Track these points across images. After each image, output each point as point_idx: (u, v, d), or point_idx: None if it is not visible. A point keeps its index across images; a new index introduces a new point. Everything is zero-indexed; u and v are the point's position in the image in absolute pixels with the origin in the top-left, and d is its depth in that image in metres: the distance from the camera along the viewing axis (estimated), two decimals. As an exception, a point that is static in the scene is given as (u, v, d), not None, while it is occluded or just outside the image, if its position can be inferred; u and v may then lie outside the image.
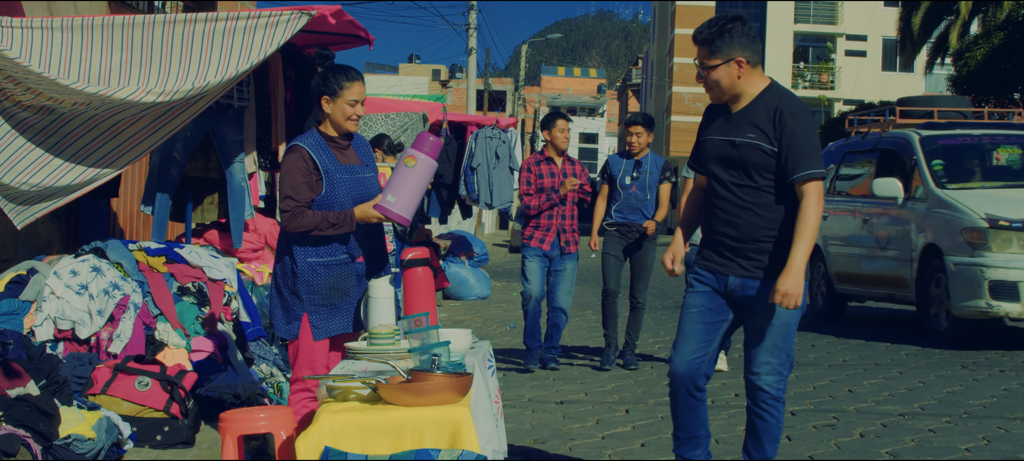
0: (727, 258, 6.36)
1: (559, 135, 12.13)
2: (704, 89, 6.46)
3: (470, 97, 42.90)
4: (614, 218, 12.14)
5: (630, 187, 12.03)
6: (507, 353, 13.30)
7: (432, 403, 5.01)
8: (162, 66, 8.38)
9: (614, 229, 12.14)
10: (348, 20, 9.27)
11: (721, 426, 8.92)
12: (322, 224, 6.50)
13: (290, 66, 10.74)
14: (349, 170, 6.70)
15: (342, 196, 6.61)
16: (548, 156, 12.13)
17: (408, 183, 6.52)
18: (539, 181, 11.97)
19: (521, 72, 79.66)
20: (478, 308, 19.09)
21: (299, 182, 6.52)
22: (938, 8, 39.25)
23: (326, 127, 6.72)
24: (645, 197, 12.03)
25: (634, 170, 12.08)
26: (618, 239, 12.12)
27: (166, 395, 7.80)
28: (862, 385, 10.78)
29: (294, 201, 6.50)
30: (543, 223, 11.94)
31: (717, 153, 6.34)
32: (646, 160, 12.12)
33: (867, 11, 71.65)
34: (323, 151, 6.63)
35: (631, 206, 12.05)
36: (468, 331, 6.21)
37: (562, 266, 11.99)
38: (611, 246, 12.16)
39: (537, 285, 12.02)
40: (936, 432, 8.68)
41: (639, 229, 12.01)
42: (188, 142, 10.09)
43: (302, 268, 6.61)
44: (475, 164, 16.99)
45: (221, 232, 10.50)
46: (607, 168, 12.36)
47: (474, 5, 43.72)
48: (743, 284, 6.36)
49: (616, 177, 12.16)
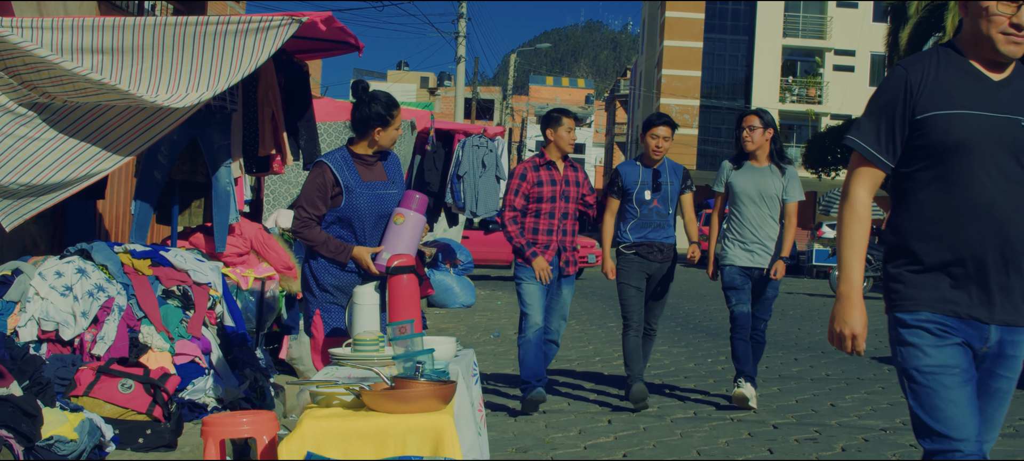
0: (994, 295, 4.41)
1: (565, 135, 10.22)
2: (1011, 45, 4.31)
3: (458, 105, 42.92)
4: (631, 238, 10.47)
5: (650, 202, 10.40)
6: (496, 378, 12.57)
7: (415, 410, 5.01)
8: (153, 69, 8.37)
9: (632, 252, 10.46)
10: (338, 27, 9.28)
11: (703, 438, 8.94)
12: (323, 245, 7.09)
13: (280, 72, 10.73)
14: (371, 186, 7.19)
15: (362, 209, 7.15)
16: (549, 160, 10.22)
17: (400, 240, 7.14)
18: (536, 190, 10.09)
19: (509, 81, 79.64)
20: (462, 316, 19.10)
21: (314, 196, 7.09)
22: (926, 24, 39.37)
23: (361, 147, 7.27)
24: (667, 211, 10.45)
25: (653, 182, 10.42)
26: (638, 264, 10.44)
27: (149, 398, 7.79)
28: (845, 399, 10.82)
29: (306, 212, 7.11)
30: (541, 238, 10.13)
31: (999, 136, 4.38)
32: (664, 169, 10.50)
33: (856, 26, 71.90)
34: (348, 168, 7.15)
35: (652, 223, 10.42)
36: (452, 339, 6.23)
37: (558, 291, 10.33)
38: (631, 274, 10.45)
39: (540, 312, 10.10)
40: (917, 448, 8.70)
41: (661, 248, 10.42)
42: (174, 146, 10.08)
43: (317, 267, 7.18)
44: (462, 172, 17.00)
45: (206, 236, 10.49)
46: (618, 179, 10.56)
47: (464, 13, 43.75)
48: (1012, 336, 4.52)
49: (632, 191, 10.44)
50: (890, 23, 42.06)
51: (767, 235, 10.43)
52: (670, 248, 10.55)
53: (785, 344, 15.25)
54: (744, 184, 10.46)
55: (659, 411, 10.12)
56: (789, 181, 10.49)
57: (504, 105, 79.86)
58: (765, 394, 11.08)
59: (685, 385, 11.73)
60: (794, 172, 10.61)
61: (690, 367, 13.19)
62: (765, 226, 10.44)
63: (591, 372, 12.69)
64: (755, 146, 10.46)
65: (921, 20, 39.18)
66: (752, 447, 8.69)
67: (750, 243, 10.42)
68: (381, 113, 7.14)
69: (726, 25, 74.77)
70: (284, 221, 12.69)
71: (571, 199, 10.25)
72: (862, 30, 71.77)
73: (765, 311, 10.60)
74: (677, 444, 8.74)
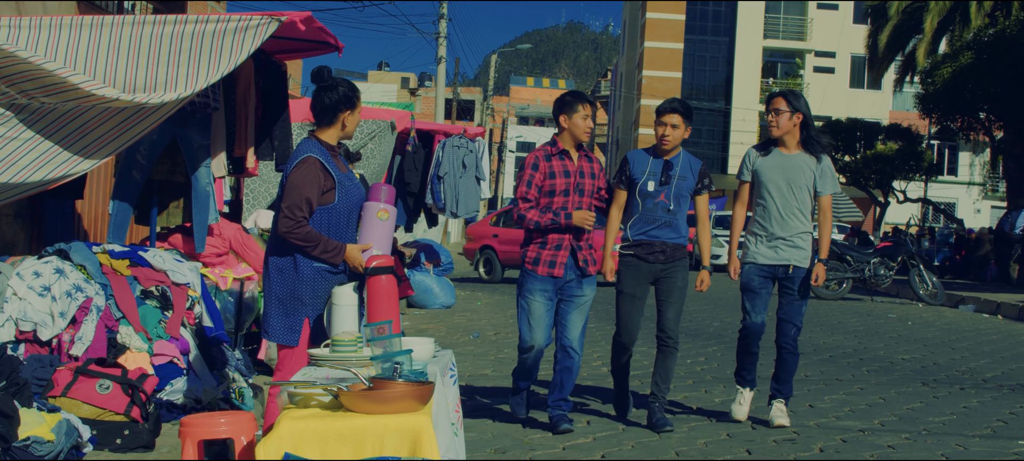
0: None
1: (581, 123, 9.13)
2: None
3: (438, 106, 42.95)
4: (631, 237, 9.36)
5: (655, 195, 9.25)
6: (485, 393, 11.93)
7: (393, 411, 5.01)
8: (130, 68, 8.35)
9: (631, 253, 9.37)
10: (318, 27, 9.27)
11: (681, 439, 8.95)
12: (318, 246, 6.77)
13: (258, 72, 10.72)
14: (348, 177, 7.04)
15: (347, 203, 6.96)
16: (563, 149, 9.16)
17: (386, 236, 6.97)
18: (549, 182, 9.07)
19: (490, 81, 79.66)
20: (442, 317, 19.09)
21: (313, 194, 6.79)
22: (905, 26, 39.52)
23: (329, 136, 7.04)
24: (676, 208, 9.29)
25: (662, 173, 9.28)
26: (637, 267, 9.34)
27: (127, 399, 7.78)
28: (823, 400, 10.83)
29: (301, 212, 6.73)
30: (552, 238, 9.06)
31: None
32: (678, 161, 9.35)
33: (836, 28, 72.17)
34: (328, 161, 6.90)
35: (655, 220, 9.27)
36: (430, 340, 6.24)
37: (580, 292, 9.21)
38: (628, 280, 9.37)
39: (544, 334, 9.13)
40: (895, 448, 8.73)
41: (664, 249, 9.28)
42: (154, 146, 10.06)
43: (308, 274, 6.85)
44: (442, 173, 16.98)
45: (185, 236, 10.47)
46: (625, 167, 9.45)
47: (444, 14, 43.77)
48: None
49: (637, 181, 9.34)
50: (870, 25, 42.23)
51: (796, 231, 9.51)
52: (675, 248, 9.34)
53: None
54: (771, 172, 9.54)
55: (637, 412, 10.11)
56: (823, 171, 9.56)
57: (485, 106, 79.87)
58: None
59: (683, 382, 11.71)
60: (829, 162, 9.68)
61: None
62: (793, 220, 9.52)
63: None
64: (781, 131, 9.52)
65: (901, 22, 39.37)
66: (731, 448, 8.70)
67: (775, 239, 9.52)
68: (348, 95, 7.00)
69: (707, 26, 74.95)
70: (263, 221, 12.67)
71: (586, 192, 9.22)
72: (842, 32, 72.04)
73: (796, 314, 9.70)
74: (655, 445, 8.74)
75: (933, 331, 18.25)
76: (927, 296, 24.39)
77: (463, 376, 11.74)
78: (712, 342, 15.53)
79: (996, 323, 20.42)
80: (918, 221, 57.31)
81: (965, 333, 18.05)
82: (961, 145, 62.76)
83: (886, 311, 22.09)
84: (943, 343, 16.31)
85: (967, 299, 24.38)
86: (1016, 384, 12.19)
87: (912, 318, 20.64)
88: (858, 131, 50.00)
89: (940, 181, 60.74)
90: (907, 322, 19.69)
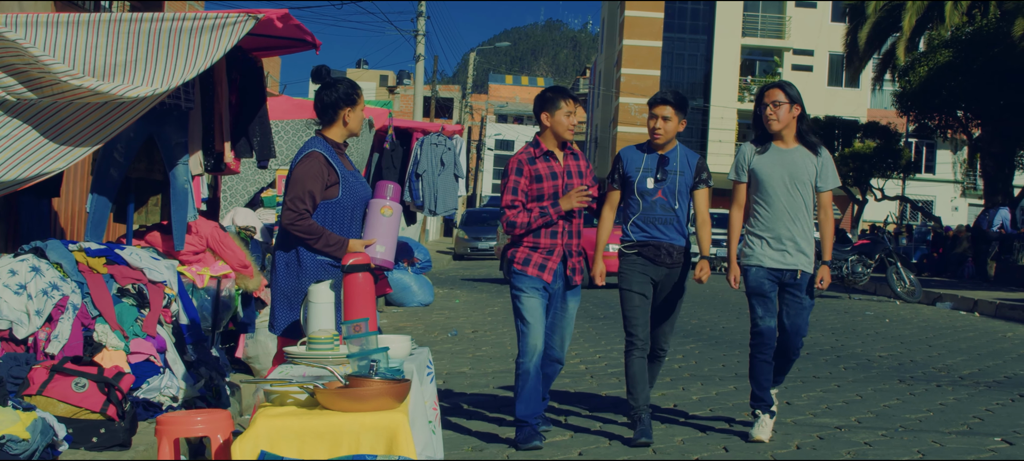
0: None
1: (564, 119, 8.67)
2: None
3: (417, 103, 42.95)
4: (632, 236, 8.92)
5: (653, 193, 8.83)
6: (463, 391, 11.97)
7: (369, 409, 5.01)
8: (108, 66, 8.33)
9: (634, 252, 8.91)
10: (295, 24, 9.25)
11: (659, 437, 8.95)
12: (320, 239, 7.01)
13: (235, 69, 10.69)
14: (353, 175, 7.26)
15: (352, 198, 7.18)
16: (547, 149, 8.70)
17: (391, 233, 7.20)
18: (536, 186, 8.64)
19: (469, 79, 79.68)
20: (420, 315, 19.09)
21: (316, 187, 7.03)
22: (884, 24, 39.60)
23: (334, 133, 7.29)
24: (674, 205, 8.83)
25: (658, 170, 8.84)
26: (642, 266, 8.87)
27: (103, 397, 7.75)
28: (800, 398, 10.85)
29: (304, 204, 6.98)
30: (544, 242, 8.62)
31: None
32: (674, 156, 8.91)
33: (814, 26, 72.34)
34: (333, 157, 7.12)
35: (656, 218, 8.84)
36: (407, 337, 6.24)
37: (564, 306, 8.84)
38: (634, 278, 8.89)
39: (541, 330, 8.61)
40: (872, 445, 8.75)
41: (670, 251, 8.85)
42: (131, 144, 10.03)
43: (311, 266, 7.05)
44: (420, 171, 16.96)
45: (163, 234, 10.44)
46: (619, 165, 9.02)
47: (423, 12, 43.77)
48: None
49: (633, 179, 8.91)
50: (848, 23, 42.29)
51: (801, 230, 8.92)
52: (681, 252, 8.92)
53: (742, 342, 15.25)
54: (771, 169, 8.95)
55: (614, 410, 10.11)
56: (824, 166, 8.99)
57: (464, 103, 79.91)
58: (722, 393, 11.12)
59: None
60: (828, 156, 9.09)
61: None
62: (800, 219, 8.92)
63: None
64: (781, 124, 8.94)
65: (879, 20, 39.44)
66: (708, 445, 8.72)
67: (783, 240, 8.90)
68: (348, 92, 7.22)
69: (685, 24, 75.01)
70: (241, 219, 12.66)
71: None
72: (821, 30, 72.20)
73: (803, 323, 9.08)
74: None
75: (910, 328, 18.29)
76: (904, 293, 24.44)
77: (441, 374, 11.75)
78: (689, 340, 15.54)
79: (973, 320, 20.47)
80: (896, 219, 57.52)
81: (942, 330, 18.10)
82: (939, 143, 62.89)
83: (863, 308, 22.15)
84: (920, 340, 16.35)
85: (944, 297, 24.44)
86: (992, 381, 12.22)
87: (889, 315, 20.69)
88: (836, 129, 50.07)
89: (918, 179, 60.91)
90: (884, 319, 19.73)
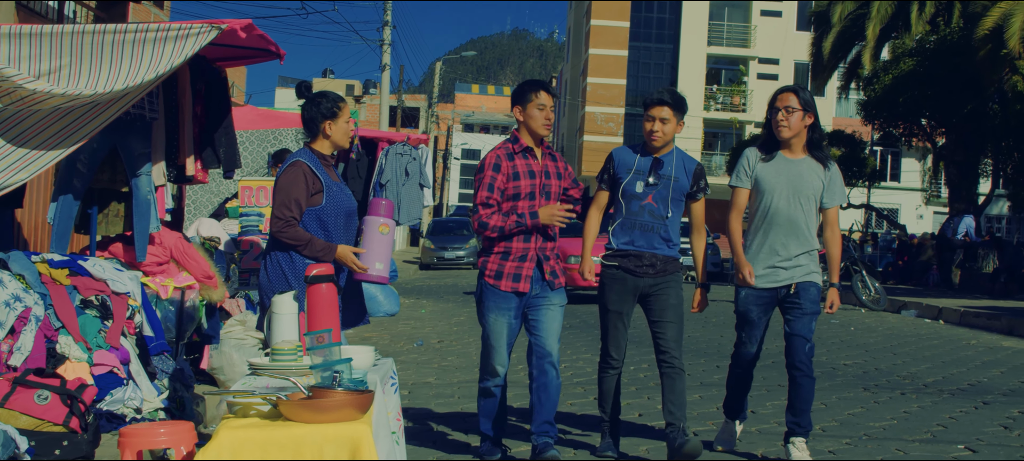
0: None
1: (536, 114, 8.05)
2: None
3: (383, 113, 42.91)
4: (615, 245, 8.31)
5: (643, 198, 8.18)
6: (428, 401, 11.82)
7: (332, 420, 5.00)
8: (71, 76, 8.30)
9: (615, 265, 8.32)
10: (259, 35, 9.22)
11: (624, 447, 8.96)
12: (307, 245, 7.24)
13: (200, 79, 10.66)
14: (338, 186, 7.48)
15: (337, 208, 7.41)
16: (525, 146, 8.11)
17: (387, 248, 7.47)
18: (513, 185, 8.04)
19: (435, 89, 79.70)
20: (386, 324, 19.07)
21: (301, 195, 7.28)
22: (849, 33, 39.78)
23: (319, 146, 7.54)
24: (665, 214, 8.19)
25: (651, 173, 8.20)
26: (622, 281, 8.28)
27: (66, 409, 7.71)
28: (764, 406, 10.88)
29: (290, 212, 7.24)
30: (516, 247, 8.03)
31: None
32: (669, 160, 8.27)
33: (780, 35, 72.61)
34: (318, 167, 7.37)
35: (642, 225, 8.21)
36: (370, 348, 6.24)
37: (548, 301, 8.12)
38: (612, 295, 8.34)
39: (505, 355, 8.10)
40: (836, 453, 8.80)
41: (653, 262, 8.22)
42: (94, 154, 9.99)
43: (300, 263, 7.27)
44: (384, 180, 16.93)
45: (126, 245, 10.40)
46: (609, 165, 8.40)
47: (389, 21, 43.76)
48: None
49: (623, 180, 8.26)
50: (813, 32, 42.45)
51: (801, 248, 8.34)
52: (666, 261, 8.27)
53: (707, 351, 15.32)
54: (776, 179, 8.33)
55: (580, 418, 10.12)
56: (832, 180, 8.40)
57: (430, 113, 79.87)
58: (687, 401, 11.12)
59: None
60: (837, 170, 8.51)
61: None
62: (800, 236, 8.34)
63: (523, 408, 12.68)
64: (792, 132, 8.33)
65: (845, 29, 39.61)
66: (673, 454, 8.73)
67: (780, 256, 8.35)
68: (329, 106, 7.47)
69: (651, 33, 75.22)
70: (205, 230, 12.62)
71: (553, 194, 8.17)
72: (786, 39, 72.47)
73: (807, 328, 8.36)
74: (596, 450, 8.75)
75: (875, 336, 18.37)
76: (870, 301, 24.52)
77: (406, 384, 11.74)
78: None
79: (938, 328, 20.57)
80: (861, 227, 57.72)
81: (907, 338, 18.18)
82: (904, 151, 63.23)
83: (828, 317, 22.21)
84: (885, 348, 16.42)
85: (909, 304, 24.54)
86: (956, 389, 12.28)
87: (854, 323, 20.77)
88: (802, 137, 50.21)
89: (883, 187, 61.02)
90: (849, 327, 19.80)
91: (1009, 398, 11.63)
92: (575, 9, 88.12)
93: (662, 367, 8.30)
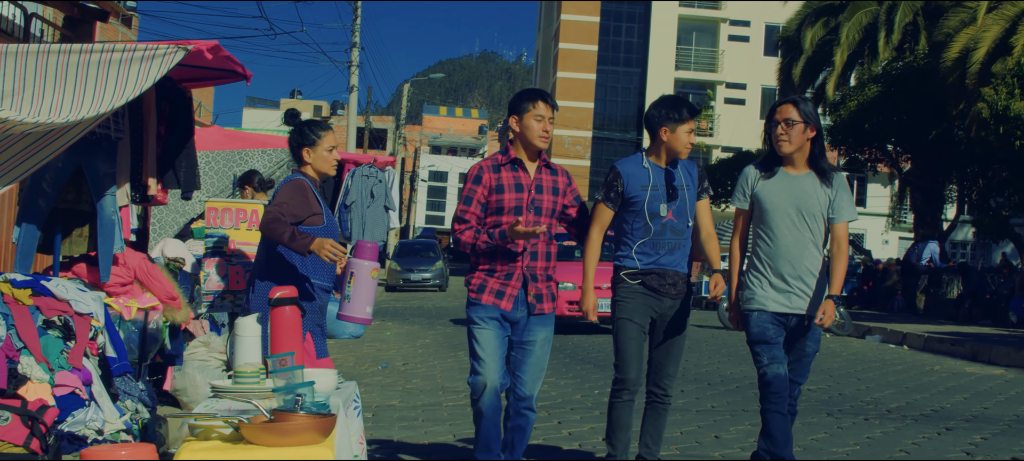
0: None
1: (534, 125, 7.49)
2: None
3: (350, 134, 42.86)
4: (639, 264, 7.75)
5: (663, 217, 7.68)
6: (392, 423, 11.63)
7: (294, 443, 4.99)
8: (35, 97, 8.26)
9: (638, 282, 7.76)
10: (225, 56, 9.20)
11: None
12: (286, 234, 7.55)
13: (165, 100, 10.64)
14: (330, 214, 7.98)
15: (326, 234, 7.79)
16: (515, 158, 7.57)
17: (373, 290, 7.58)
18: (496, 198, 7.50)
19: (403, 110, 79.61)
20: (351, 347, 19.03)
21: (298, 203, 7.74)
22: (816, 59, 40.07)
23: (306, 171, 8.04)
24: (684, 227, 7.78)
25: (667, 188, 7.72)
26: (645, 299, 7.75)
27: (26, 430, 7.67)
28: (729, 431, 10.90)
29: (279, 211, 7.65)
30: (500, 266, 7.50)
31: None
32: (677, 171, 7.82)
33: (747, 60, 73.02)
34: (314, 189, 7.84)
35: (667, 245, 7.75)
36: (333, 371, 6.23)
37: (530, 337, 7.62)
38: (635, 308, 7.75)
39: (496, 366, 7.43)
40: (798, 479, 8.81)
41: (675, 281, 7.78)
42: (59, 174, 9.95)
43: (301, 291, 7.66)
44: (349, 202, 16.95)
45: (90, 265, 10.36)
46: (616, 182, 7.78)
47: (357, 43, 43.76)
48: None
49: (639, 200, 7.70)
50: (781, 58, 42.67)
51: (808, 268, 7.80)
52: (685, 280, 7.88)
53: (709, 380, 15.33)
54: (778, 198, 7.82)
55: (544, 441, 10.11)
56: (838, 193, 7.88)
57: (397, 135, 79.81)
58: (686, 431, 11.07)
59: (572, 416, 11.71)
60: (843, 181, 8.01)
61: (577, 398, 13.17)
62: (806, 256, 7.81)
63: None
64: (793, 147, 7.79)
65: (812, 55, 39.90)
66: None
67: (787, 279, 7.79)
68: (307, 133, 7.89)
69: (619, 57, 75.49)
70: (170, 251, 12.57)
71: (545, 211, 7.58)
72: (753, 64, 72.87)
73: (802, 373, 7.96)
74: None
75: (839, 361, 18.43)
76: (834, 327, 24.59)
77: (370, 407, 11.71)
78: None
79: (902, 353, 20.65)
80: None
81: (871, 363, 18.25)
82: (869, 177, 63.47)
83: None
84: (849, 373, 16.47)
85: (874, 329, 24.65)
86: (919, 414, 12.33)
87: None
88: (768, 162, 50.37)
89: (848, 212, 61.35)
90: (814, 352, 19.83)
91: (972, 424, 11.67)
92: (544, 32, 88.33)
93: (652, 398, 7.95)
